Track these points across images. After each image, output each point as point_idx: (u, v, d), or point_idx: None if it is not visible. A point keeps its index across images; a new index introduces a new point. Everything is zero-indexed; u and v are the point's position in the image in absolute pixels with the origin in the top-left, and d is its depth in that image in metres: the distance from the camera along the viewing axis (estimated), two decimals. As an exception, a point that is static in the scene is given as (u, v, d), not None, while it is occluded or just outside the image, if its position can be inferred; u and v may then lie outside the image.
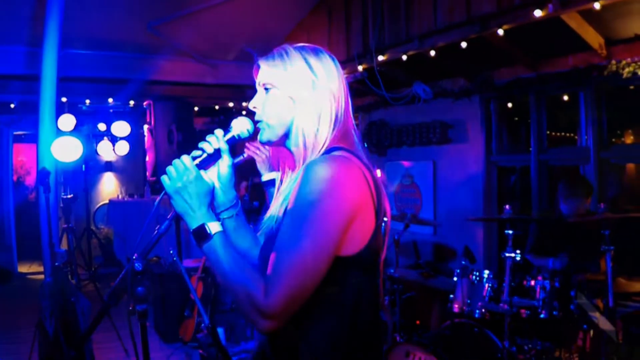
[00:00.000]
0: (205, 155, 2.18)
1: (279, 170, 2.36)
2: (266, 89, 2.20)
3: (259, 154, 4.31)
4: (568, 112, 7.17)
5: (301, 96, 2.13)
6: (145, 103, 8.28)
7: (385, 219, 2.18)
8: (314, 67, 2.15)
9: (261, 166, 4.29)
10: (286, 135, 2.20)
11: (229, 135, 2.24)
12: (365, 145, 2.28)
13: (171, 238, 8.64)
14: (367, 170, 2.08)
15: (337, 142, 2.14)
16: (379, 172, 2.15)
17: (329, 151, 2.10)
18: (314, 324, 2.04)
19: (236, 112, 12.45)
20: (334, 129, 2.13)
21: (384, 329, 6.04)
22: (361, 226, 2.01)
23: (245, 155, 4.14)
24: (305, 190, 1.93)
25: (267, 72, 2.19)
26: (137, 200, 13.30)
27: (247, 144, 4.13)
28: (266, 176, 4.30)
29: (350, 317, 2.05)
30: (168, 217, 2.20)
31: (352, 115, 2.24)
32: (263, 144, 2.25)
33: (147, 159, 8.24)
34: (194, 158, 2.15)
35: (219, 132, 2.24)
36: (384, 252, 2.20)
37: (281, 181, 2.33)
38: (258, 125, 2.22)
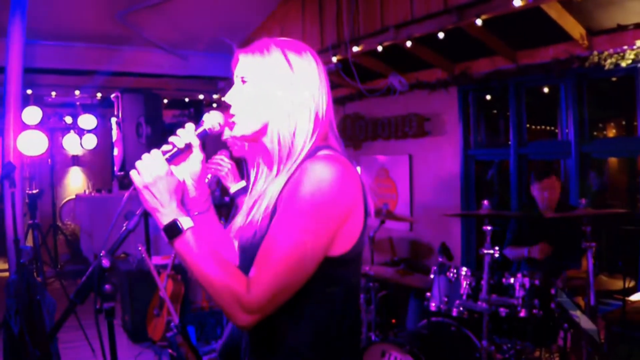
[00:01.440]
0: (175, 149, 2.16)
1: (253, 167, 2.33)
2: (243, 81, 2.18)
3: (221, 168, 4.26)
4: (548, 105, 7.18)
5: (278, 92, 2.11)
6: (112, 95, 8.18)
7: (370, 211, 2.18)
8: (294, 64, 2.14)
9: (226, 179, 4.26)
10: (262, 132, 2.18)
11: (200, 130, 2.22)
12: (342, 143, 2.25)
13: (139, 234, 8.45)
14: (355, 169, 2.09)
15: (319, 141, 2.15)
16: (358, 169, 2.12)
17: (315, 151, 2.10)
18: (300, 320, 2.06)
19: (207, 105, 12.47)
20: (314, 128, 2.13)
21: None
22: (352, 226, 2.05)
23: (209, 175, 4.10)
24: (304, 190, 1.93)
25: (245, 65, 2.18)
26: (104, 196, 13.13)
27: (208, 161, 4.09)
28: (234, 187, 4.26)
29: (337, 314, 2.10)
30: (137, 213, 2.17)
31: (332, 114, 2.24)
32: (237, 138, 2.21)
33: (114, 152, 8.16)
34: (164, 153, 2.13)
35: (190, 126, 2.22)
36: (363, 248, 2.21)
37: (255, 180, 2.32)
38: (233, 119, 2.20)
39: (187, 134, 2.20)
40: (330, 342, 2.09)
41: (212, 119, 2.23)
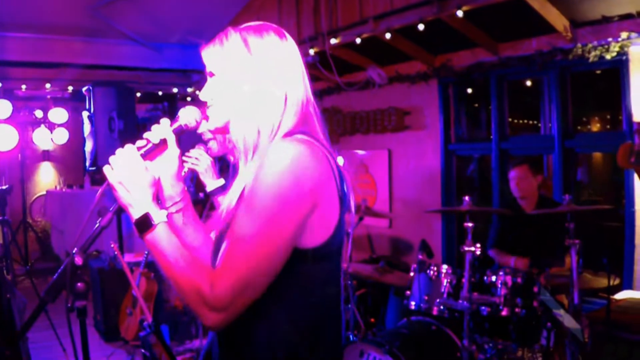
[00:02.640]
0: (150, 145, 2.14)
1: (233, 159, 2.30)
2: (210, 75, 2.18)
3: (199, 164, 4.18)
4: (531, 98, 7.18)
5: (241, 80, 2.09)
6: (84, 89, 8.11)
7: (351, 206, 2.16)
8: (253, 47, 2.11)
9: (204, 176, 4.18)
10: (232, 122, 2.16)
11: (175, 125, 2.21)
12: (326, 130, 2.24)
13: (112, 231, 8.50)
14: (332, 157, 2.07)
15: (298, 126, 2.11)
16: (340, 160, 2.08)
17: (287, 136, 2.06)
18: (270, 320, 2.02)
19: (181, 99, 12.39)
20: (284, 112, 2.09)
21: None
22: (324, 216, 1.99)
23: (185, 170, 4.03)
24: (264, 174, 1.90)
25: (208, 57, 2.17)
26: (76, 192, 13.04)
27: (185, 155, 4.04)
28: (211, 185, 4.18)
29: (310, 313, 2.05)
30: (110, 209, 2.17)
31: (311, 99, 2.20)
32: (212, 133, 2.18)
33: (86, 147, 8.09)
34: (138, 148, 2.11)
35: (165, 121, 2.20)
36: (346, 244, 2.16)
37: (235, 172, 2.26)
38: (207, 112, 2.20)
39: (162, 129, 2.18)
40: (307, 346, 2.05)
41: (188, 114, 2.22)
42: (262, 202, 1.88)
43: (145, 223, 2.02)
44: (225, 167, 4.46)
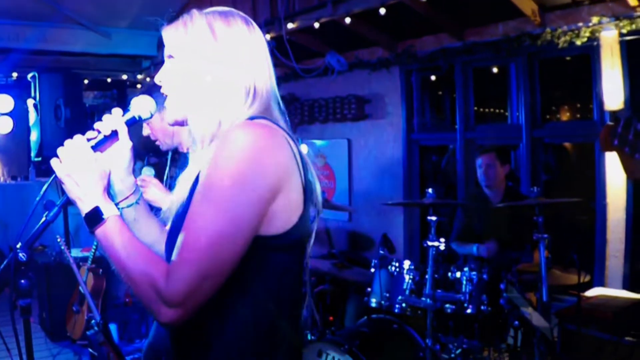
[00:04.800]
0: (101, 136, 2.11)
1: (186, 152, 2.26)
2: (170, 58, 2.15)
3: (147, 192, 3.99)
4: (498, 86, 7.18)
5: (205, 66, 2.05)
6: (29, 75, 8.03)
7: (317, 198, 2.16)
8: (219, 33, 2.07)
9: (155, 201, 3.98)
10: (192, 112, 2.12)
11: (127, 116, 2.18)
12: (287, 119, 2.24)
13: (58, 225, 8.33)
14: (293, 142, 2.05)
15: (255, 115, 2.07)
16: (305, 148, 2.01)
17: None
18: (228, 314, 1.99)
19: (130, 86, 12.33)
20: (248, 102, 2.07)
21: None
22: (286, 203, 1.96)
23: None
24: (222, 159, 1.86)
25: (170, 40, 2.13)
26: (20, 183, 13.04)
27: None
28: (167, 203, 4.06)
29: (271, 307, 2.03)
30: (58, 203, 2.14)
31: (276, 89, 2.20)
32: (172, 125, 2.12)
33: (31, 137, 8.00)
34: (88, 139, 2.08)
35: (116, 111, 2.17)
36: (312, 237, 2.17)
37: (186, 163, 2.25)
38: (165, 103, 2.16)
39: (113, 120, 2.13)
40: (266, 342, 2.03)
41: (140, 105, 2.19)
42: (220, 189, 1.84)
43: (95, 217, 1.99)
44: (176, 158, 4.37)
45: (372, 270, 5.54)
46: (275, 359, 2.07)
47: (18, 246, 2.10)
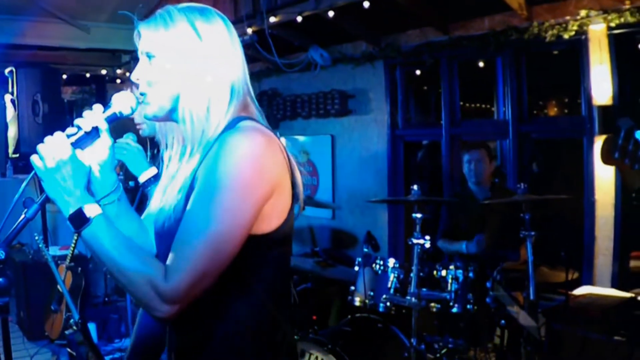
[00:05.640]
0: (81, 133, 2.10)
1: (165, 148, 2.32)
2: (148, 57, 2.14)
3: (127, 154, 4.06)
4: (484, 81, 7.19)
5: (187, 64, 2.08)
6: (6, 70, 7.98)
7: (300, 193, 2.22)
8: (201, 30, 2.10)
9: (134, 167, 4.07)
10: (174, 109, 2.15)
11: (108, 112, 2.16)
12: (264, 115, 2.29)
13: (37, 222, 8.37)
14: (282, 143, 2.12)
15: (239, 112, 2.14)
16: (283, 141, 2.02)
17: (234, 122, 2.08)
18: (229, 313, 2.06)
19: (110, 81, 12.24)
20: (230, 100, 2.12)
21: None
22: (278, 202, 2.06)
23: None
24: (221, 165, 1.92)
25: (147, 37, 2.13)
26: (-3, 180, 12.79)
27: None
28: (143, 175, 4.06)
29: (269, 304, 2.10)
30: (37, 201, 2.10)
31: (249, 83, 2.23)
32: (149, 119, 2.08)
33: (9, 133, 7.96)
34: (68, 136, 2.06)
35: (97, 107, 2.15)
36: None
37: (168, 162, 2.31)
38: (143, 99, 2.17)
39: (94, 116, 2.12)
40: (266, 338, 2.11)
41: (121, 101, 2.16)
42: (222, 193, 1.90)
43: (79, 218, 1.98)
44: (156, 152, 4.33)
45: (356, 268, 5.54)
46: (276, 355, 2.15)
47: (-5, 244, 2.07)
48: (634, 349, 4.54)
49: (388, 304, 5.22)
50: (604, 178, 5.73)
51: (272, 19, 7.51)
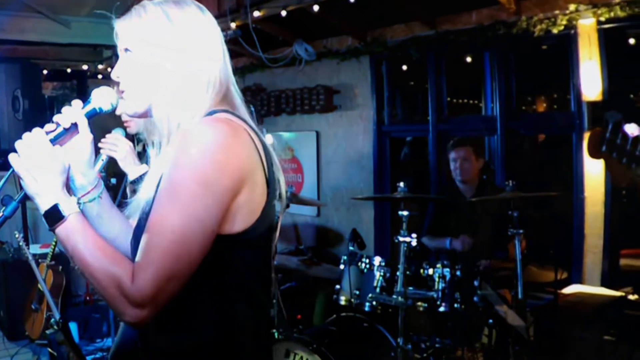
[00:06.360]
0: (60, 129, 2.08)
1: (150, 146, 2.24)
2: (126, 52, 2.13)
3: (119, 150, 4.03)
4: (471, 76, 7.18)
5: (161, 56, 2.06)
6: (-15, 65, 7.96)
7: (281, 191, 2.19)
8: (176, 23, 2.08)
9: (125, 164, 4.03)
10: (153, 105, 2.13)
11: (88, 108, 2.15)
12: (252, 109, 2.30)
13: (17, 220, 8.51)
14: (256, 135, 2.08)
15: (217, 104, 2.11)
16: (270, 138, 1.97)
17: (209, 115, 2.06)
18: (197, 314, 2.02)
19: (91, 76, 12.18)
20: (209, 93, 2.09)
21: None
22: (249, 198, 1.99)
23: (102, 157, 3.90)
24: (181, 157, 1.88)
25: (123, 32, 2.12)
26: (-25, 178, 12.75)
27: (101, 141, 3.92)
28: (133, 173, 4.02)
29: (237, 304, 2.05)
30: (16, 199, 2.10)
31: (232, 75, 2.21)
32: (130, 116, 2.05)
33: (-12, 129, 7.93)
34: (47, 132, 2.06)
35: (77, 103, 2.14)
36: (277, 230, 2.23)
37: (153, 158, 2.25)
38: (123, 95, 2.16)
39: (73, 113, 2.10)
40: (236, 340, 2.06)
41: (101, 97, 2.16)
42: (183, 188, 1.85)
43: (55, 215, 1.97)
44: (142, 150, 4.30)
45: (342, 266, 5.52)
46: (248, 356, 2.10)
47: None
48: (634, 349, 4.54)
49: (374, 303, 5.18)
50: (594, 174, 5.72)
51: (256, 13, 7.46)
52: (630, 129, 2.54)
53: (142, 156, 4.21)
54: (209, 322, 2.02)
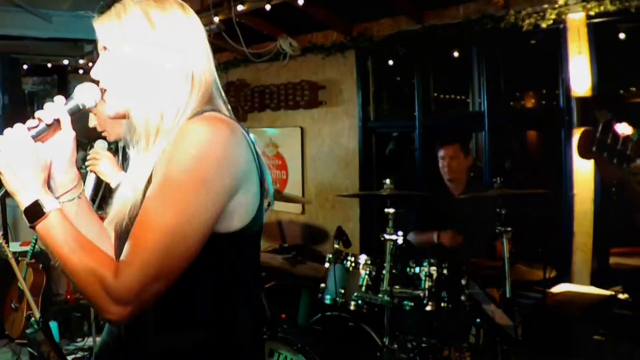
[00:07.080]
0: (42, 125, 2.04)
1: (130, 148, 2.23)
2: (106, 51, 2.11)
3: (97, 162, 4.01)
4: (459, 71, 7.17)
5: (141, 54, 2.04)
6: (-35, 60, 7.92)
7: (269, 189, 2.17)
8: (157, 21, 2.06)
9: (106, 175, 3.99)
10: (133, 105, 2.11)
11: (70, 104, 2.10)
12: (229, 108, 2.24)
13: None
14: (248, 136, 2.07)
15: (203, 104, 2.07)
16: (253, 137, 1.95)
17: (197, 114, 2.03)
18: (189, 313, 2.02)
19: (72, 71, 12.21)
20: (191, 92, 2.06)
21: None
22: (247, 197, 2.00)
23: (89, 175, 3.90)
24: (179, 156, 1.87)
25: (103, 31, 2.10)
26: (-46, 174, 12.72)
27: (87, 159, 3.91)
28: (116, 180, 3.98)
29: (236, 302, 2.07)
30: None
31: (216, 76, 2.18)
32: (112, 117, 2.04)
33: (-32, 125, 7.89)
34: (29, 128, 2.02)
35: (59, 99, 2.10)
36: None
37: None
38: (104, 96, 2.13)
39: (55, 109, 2.06)
40: (233, 338, 2.07)
41: (84, 93, 2.12)
42: (178, 187, 1.84)
43: (35, 211, 1.93)
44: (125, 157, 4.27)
45: (327, 265, 5.51)
46: (247, 355, 2.13)
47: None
48: (634, 349, 4.54)
49: (359, 302, 5.17)
50: (583, 172, 5.72)
51: (240, 7, 7.44)
52: (621, 129, 2.53)
53: (126, 162, 4.19)
54: (209, 321, 2.02)
